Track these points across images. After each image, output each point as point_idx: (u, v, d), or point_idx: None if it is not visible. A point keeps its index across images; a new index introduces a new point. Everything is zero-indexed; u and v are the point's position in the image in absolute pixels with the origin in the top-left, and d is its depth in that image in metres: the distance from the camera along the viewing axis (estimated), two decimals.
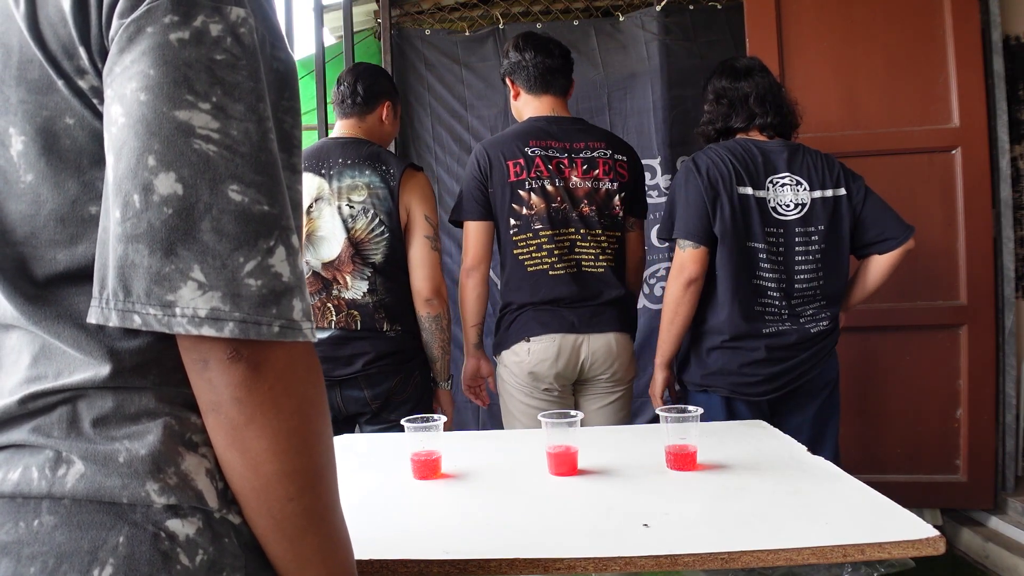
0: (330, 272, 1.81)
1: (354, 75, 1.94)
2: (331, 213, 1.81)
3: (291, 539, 0.54)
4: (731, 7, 2.84)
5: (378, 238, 1.81)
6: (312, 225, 1.82)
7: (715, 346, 1.78)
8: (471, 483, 1.15)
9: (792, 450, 1.27)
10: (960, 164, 2.55)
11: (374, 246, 1.81)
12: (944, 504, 2.65)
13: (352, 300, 1.80)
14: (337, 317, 1.80)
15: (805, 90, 2.63)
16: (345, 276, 1.80)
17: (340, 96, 1.94)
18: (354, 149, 1.86)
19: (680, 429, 1.17)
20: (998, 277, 2.60)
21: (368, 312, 1.80)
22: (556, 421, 1.16)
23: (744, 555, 0.82)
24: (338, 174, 1.82)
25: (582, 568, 0.82)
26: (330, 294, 1.81)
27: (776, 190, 1.75)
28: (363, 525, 0.98)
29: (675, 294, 1.77)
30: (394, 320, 1.82)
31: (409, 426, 1.20)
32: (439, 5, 3.02)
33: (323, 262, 1.82)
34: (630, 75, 2.91)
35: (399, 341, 1.82)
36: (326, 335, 1.80)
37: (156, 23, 0.48)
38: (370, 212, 1.80)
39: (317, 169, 1.84)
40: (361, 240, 1.81)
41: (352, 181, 1.82)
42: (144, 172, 0.46)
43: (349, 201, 1.81)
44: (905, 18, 2.58)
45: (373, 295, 1.81)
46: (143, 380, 0.54)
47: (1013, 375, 2.63)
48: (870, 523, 0.89)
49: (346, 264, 1.80)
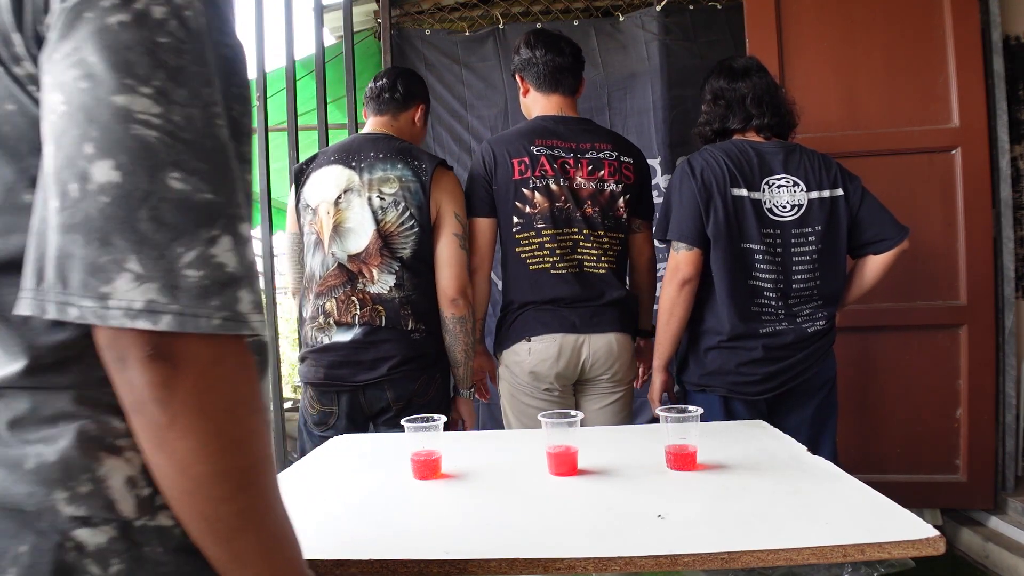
0: (356, 265, 1.77)
1: (395, 73, 1.96)
2: (361, 204, 1.77)
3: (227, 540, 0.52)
4: (731, 7, 2.84)
5: (407, 231, 1.77)
6: (340, 216, 1.77)
7: (712, 346, 1.78)
8: (471, 483, 1.15)
9: (792, 450, 1.27)
10: (960, 164, 2.55)
11: (403, 240, 1.77)
12: (944, 504, 2.65)
13: (378, 295, 1.76)
14: (361, 311, 1.75)
15: (805, 90, 2.63)
16: (372, 269, 1.76)
17: (376, 91, 1.91)
18: (386, 144, 1.83)
19: (680, 429, 1.17)
20: (998, 277, 2.60)
21: (394, 308, 1.76)
22: (556, 421, 1.16)
23: (744, 555, 0.82)
24: (369, 167, 1.79)
25: (582, 568, 0.82)
26: (355, 287, 1.76)
27: (772, 191, 1.75)
28: (363, 525, 0.98)
29: (670, 295, 1.78)
30: (419, 318, 1.78)
31: (409, 426, 1.20)
32: (439, 5, 3.02)
33: (349, 254, 1.77)
34: (630, 75, 2.91)
35: (423, 344, 1.78)
36: (348, 337, 1.75)
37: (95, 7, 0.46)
38: (400, 205, 1.76)
39: (347, 162, 1.81)
40: (391, 233, 1.76)
41: (384, 174, 1.78)
42: (81, 160, 0.45)
43: (380, 193, 1.77)
44: (905, 18, 2.58)
45: (400, 290, 1.76)
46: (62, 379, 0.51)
47: (1013, 375, 2.63)
48: (870, 523, 0.89)
49: (373, 257, 1.75)
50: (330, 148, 1.89)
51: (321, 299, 1.78)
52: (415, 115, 1.94)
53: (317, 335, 1.78)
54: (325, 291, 1.78)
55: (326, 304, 1.77)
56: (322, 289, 1.78)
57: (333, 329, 1.76)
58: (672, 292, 1.78)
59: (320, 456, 1.40)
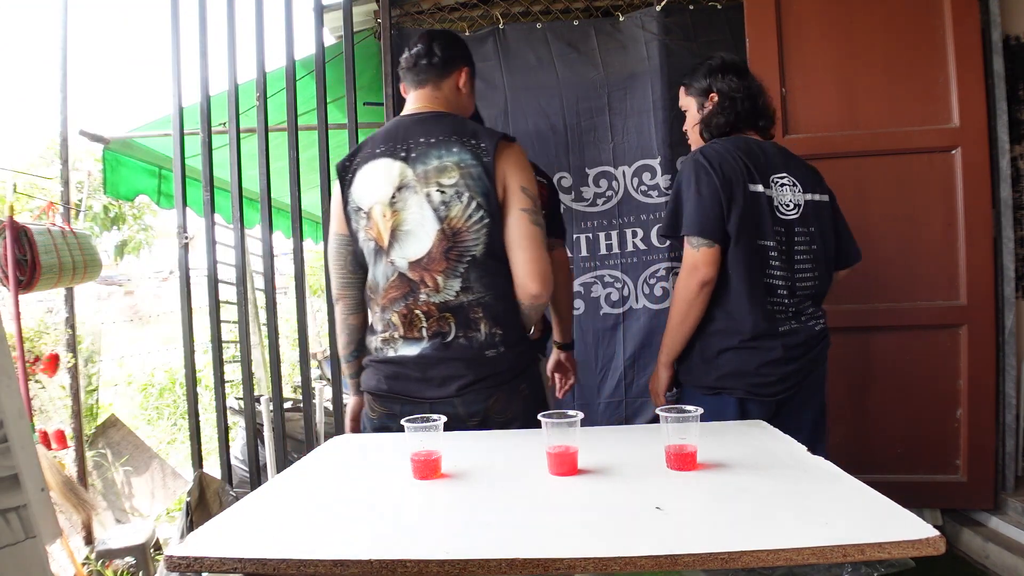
0: (417, 272, 1.55)
1: (429, 36, 1.69)
2: (418, 202, 1.54)
3: None
4: (731, 7, 2.84)
5: (477, 225, 1.53)
6: (397, 219, 1.55)
7: (730, 347, 1.71)
8: (471, 483, 1.15)
9: (792, 450, 1.27)
10: (960, 164, 2.55)
11: (473, 236, 1.53)
12: (944, 504, 2.65)
13: (443, 303, 1.54)
14: (428, 323, 1.55)
15: (805, 90, 2.63)
16: (435, 276, 1.54)
17: (412, 60, 1.66)
18: (436, 124, 1.59)
19: (680, 429, 1.17)
20: (998, 277, 2.60)
21: (464, 313, 1.54)
22: (556, 421, 1.16)
23: (744, 555, 0.82)
24: (422, 156, 1.55)
25: (582, 568, 0.82)
26: (417, 299, 1.55)
27: (777, 189, 1.75)
28: (363, 525, 0.98)
29: (688, 294, 1.69)
30: (495, 322, 1.55)
31: (409, 426, 1.20)
32: (439, 5, 3.02)
33: (410, 261, 1.55)
34: (630, 75, 2.91)
35: (498, 360, 1.55)
36: (416, 351, 1.56)
37: None
38: (464, 196, 1.52)
39: (395, 152, 1.57)
40: (458, 230, 1.53)
41: (439, 162, 1.54)
42: None
43: (439, 186, 1.53)
44: (905, 18, 2.58)
45: (468, 293, 1.54)
46: None
47: (1013, 375, 2.63)
48: (870, 523, 0.89)
49: (438, 261, 1.54)
50: (375, 136, 1.65)
51: (387, 313, 1.60)
52: (459, 80, 1.69)
53: (383, 347, 1.61)
54: (388, 304, 1.59)
55: (392, 317, 1.59)
56: (385, 302, 1.60)
57: (399, 343, 1.58)
58: (691, 291, 1.69)
59: (320, 456, 1.40)
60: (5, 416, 1.52)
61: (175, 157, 2.90)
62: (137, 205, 9.10)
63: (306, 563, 0.84)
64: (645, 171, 2.89)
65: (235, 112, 2.86)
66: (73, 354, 3.09)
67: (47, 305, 3.42)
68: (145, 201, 8.11)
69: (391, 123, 1.66)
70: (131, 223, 9.74)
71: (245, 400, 3.00)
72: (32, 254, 2.39)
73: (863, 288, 2.62)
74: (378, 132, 1.66)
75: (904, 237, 2.61)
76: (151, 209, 9.54)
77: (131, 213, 9.41)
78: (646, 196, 2.89)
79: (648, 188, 2.89)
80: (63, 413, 3.20)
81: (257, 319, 3.81)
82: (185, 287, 2.87)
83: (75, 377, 3.11)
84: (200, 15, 2.85)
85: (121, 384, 6.61)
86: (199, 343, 5.34)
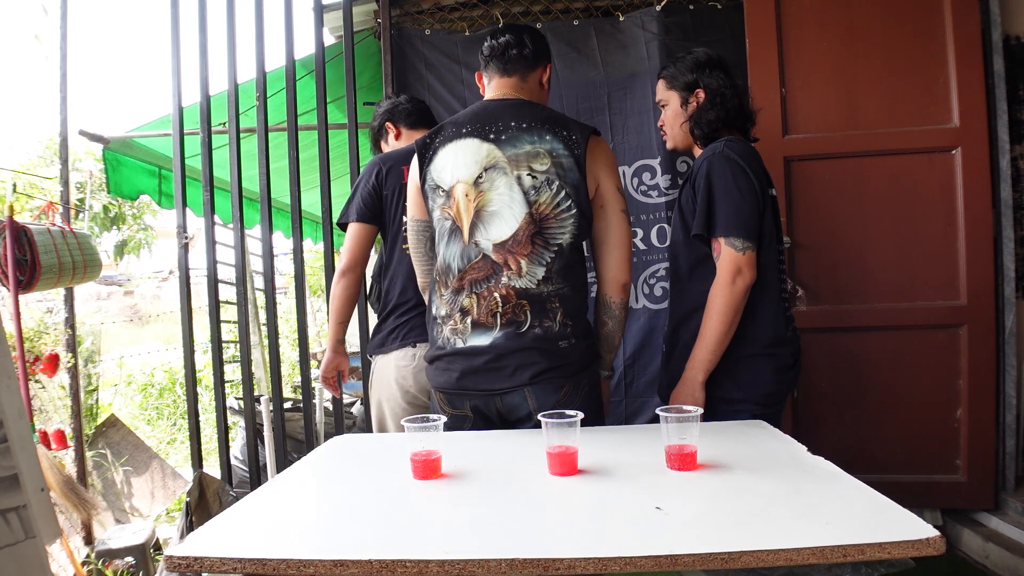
0: (501, 255, 1.53)
1: (518, 28, 1.71)
2: (507, 184, 1.54)
3: None
4: (731, 7, 2.84)
5: (564, 214, 1.55)
6: (482, 199, 1.55)
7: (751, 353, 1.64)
8: (471, 483, 1.15)
9: (792, 450, 1.27)
10: (960, 164, 2.55)
11: (559, 224, 1.55)
12: (944, 504, 2.65)
13: (524, 289, 1.53)
14: (504, 308, 1.53)
15: (805, 90, 2.63)
16: (520, 260, 1.53)
17: (501, 48, 1.66)
18: (527, 111, 1.60)
19: (680, 429, 1.17)
20: (998, 277, 2.60)
21: (541, 304, 1.53)
22: (556, 421, 1.16)
23: (744, 555, 0.82)
24: (513, 139, 1.56)
25: (582, 568, 0.82)
26: (498, 281, 1.53)
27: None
28: (363, 525, 0.98)
29: (735, 300, 1.58)
30: (569, 315, 1.55)
31: (409, 426, 1.20)
32: (439, 5, 3.02)
33: (494, 243, 1.54)
34: (630, 75, 2.91)
35: (570, 351, 1.55)
36: (488, 340, 1.53)
37: None
38: (555, 184, 1.54)
39: (483, 133, 1.57)
40: (545, 216, 1.54)
41: (532, 147, 1.55)
42: None
43: (531, 170, 1.54)
44: (905, 18, 2.58)
45: (549, 284, 1.53)
46: None
47: (1013, 375, 2.63)
48: (870, 523, 0.89)
49: (523, 245, 1.53)
50: (458, 118, 1.65)
51: (459, 295, 1.57)
52: (543, 76, 1.72)
53: (452, 337, 1.57)
54: (464, 286, 1.56)
55: (464, 301, 1.56)
56: (461, 284, 1.56)
57: (469, 331, 1.55)
58: (738, 297, 1.58)
59: (320, 456, 1.40)
60: (5, 416, 1.52)
61: (175, 157, 2.90)
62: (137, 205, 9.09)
63: (306, 563, 0.84)
64: (645, 171, 2.89)
65: (235, 112, 2.86)
66: (73, 354, 3.09)
67: (47, 305, 3.42)
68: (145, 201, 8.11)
69: (477, 105, 1.66)
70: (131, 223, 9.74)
71: (245, 400, 3.00)
72: (32, 254, 2.38)
73: (863, 288, 2.62)
74: (461, 114, 1.66)
75: (904, 237, 2.61)
76: (151, 209, 9.54)
77: (131, 213, 9.40)
78: (646, 196, 2.89)
79: (648, 188, 2.89)
80: (63, 413, 3.20)
81: (257, 319, 3.81)
82: (185, 287, 2.87)
83: (75, 377, 3.11)
84: (200, 15, 2.85)
85: (121, 384, 6.60)
86: (199, 343, 5.34)
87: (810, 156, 2.63)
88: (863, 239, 2.61)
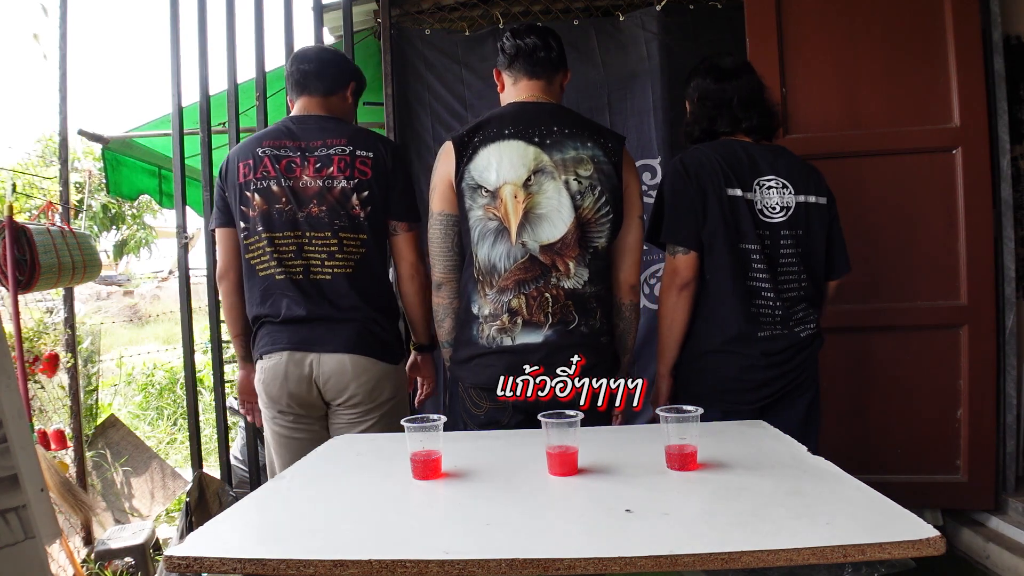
0: (549, 257, 1.59)
1: (541, 29, 1.73)
2: (556, 188, 1.59)
3: None
4: (731, 7, 2.84)
5: (603, 219, 1.62)
6: (531, 201, 1.59)
7: (712, 349, 1.74)
8: (471, 483, 1.15)
9: (792, 450, 1.27)
10: (960, 164, 2.55)
11: (599, 228, 1.62)
12: (944, 504, 2.65)
13: (572, 290, 1.59)
14: (553, 308, 1.58)
15: (805, 90, 2.63)
16: (568, 262, 1.59)
17: (528, 49, 1.68)
18: (566, 117, 1.65)
19: (680, 429, 1.17)
20: (998, 277, 2.60)
21: (583, 304, 1.60)
22: (556, 421, 1.16)
23: (744, 555, 0.82)
24: (558, 144, 1.61)
25: (582, 568, 0.82)
26: (548, 282, 1.59)
27: (763, 192, 1.75)
28: (363, 525, 0.98)
29: (670, 300, 1.75)
30: (605, 314, 1.66)
31: (409, 426, 1.20)
32: (439, 5, 3.02)
33: (542, 244, 1.59)
34: (630, 75, 2.90)
35: (608, 346, 1.67)
36: (540, 338, 1.58)
37: None
38: (597, 189, 1.60)
39: (528, 136, 1.60)
40: (588, 220, 1.60)
41: (576, 153, 1.61)
42: None
43: (577, 176, 1.60)
44: (905, 18, 2.58)
45: (591, 284, 1.61)
46: None
47: (1014, 375, 2.63)
48: (870, 523, 0.89)
49: (571, 248, 1.59)
50: (496, 117, 1.66)
51: (506, 295, 1.59)
52: (564, 80, 1.76)
53: (498, 336, 1.59)
54: (512, 286, 1.59)
55: (512, 301, 1.59)
56: (508, 283, 1.59)
57: (518, 329, 1.58)
58: (672, 297, 1.75)
59: (320, 456, 1.40)
60: (5, 416, 1.52)
61: (174, 157, 2.90)
62: (137, 205, 9.09)
63: (306, 563, 0.84)
64: (645, 171, 2.89)
65: (235, 112, 2.86)
66: (72, 354, 3.09)
67: (46, 305, 3.41)
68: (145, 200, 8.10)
69: (514, 106, 1.68)
70: (131, 223, 9.74)
71: None
72: (31, 254, 2.38)
73: (863, 288, 2.61)
74: (498, 113, 1.68)
75: (904, 237, 2.61)
76: (151, 209, 9.54)
77: (130, 213, 9.40)
78: (646, 196, 2.88)
79: (648, 188, 2.88)
80: (63, 413, 3.20)
81: None
82: (185, 287, 2.86)
83: (74, 377, 3.11)
84: (200, 15, 2.85)
85: (121, 384, 6.60)
86: (199, 343, 5.34)
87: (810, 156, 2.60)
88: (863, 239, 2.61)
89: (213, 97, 2.93)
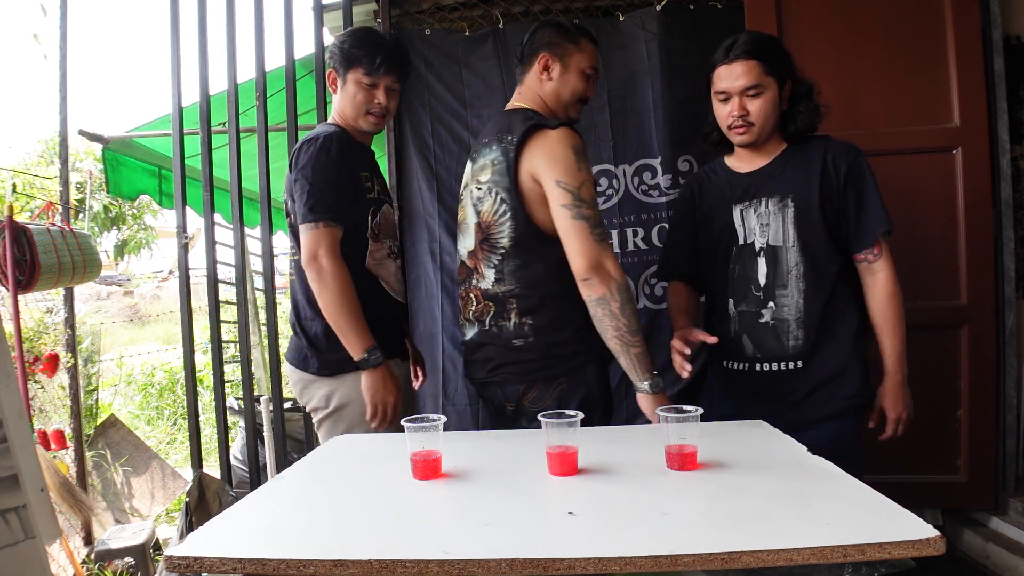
0: (473, 261, 1.72)
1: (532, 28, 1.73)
2: (468, 199, 1.72)
3: None
4: (731, 7, 2.84)
5: (502, 219, 1.61)
6: (461, 214, 1.77)
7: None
8: (471, 483, 1.15)
9: (792, 450, 1.27)
10: (960, 164, 2.55)
11: (499, 229, 1.63)
12: (944, 504, 2.65)
13: (486, 290, 1.68)
14: (476, 307, 1.71)
15: None
16: (479, 264, 1.69)
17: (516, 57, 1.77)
18: (499, 121, 1.70)
19: (680, 429, 1.17)
20: (998, 277, 2.60)
21: (500, 304, 1.65)
22: (556, 421, 1.16)
23: (744, 555, 0.82)
24: (477, 155, 1.72)
25: (582, 568, 0.82)
26: (471, 284, 1.72)
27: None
28: (363, 525, 0.98)
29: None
30: (525, 313, 1.61)
31: (409, 426, 1.20)
32: (439, 5, 3.02)
33: (467, 251, 1.73)
34: (630, 75, 2.90)
35: (525, 349, 1.61)
36: (471, 334, 1.74)
37: None
38: (493, 191, 1.62)
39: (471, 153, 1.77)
40: (488, 223, 1.65)
41: (483, 160, 1.67)
42: None
43: (478, 183, 1.68)
44: (905, 17, 2.58)
45: (501, 284, 1.64)
46: None
47: (1014, 375, 2.63)
48: (870, 523, 0.89)
49: (480, 251, 1.68)
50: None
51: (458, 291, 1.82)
52: (539, 69, 1.67)
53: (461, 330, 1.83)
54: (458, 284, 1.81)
55: (459, 300, 1.81)
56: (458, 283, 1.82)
57: (466, 325, 1.77)
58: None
59: (320, 456, 1.40)
60: (5, 416, 1.52)
61: (175, 157, 2.90)
62: (137, 205, 9.08)
63: (306, 563, 0.84)
64: (646, 170, 2.88)
65: (235, 112, 2.86)
66: (72, 354, 3.09)
67: (46, 305, 3.41)
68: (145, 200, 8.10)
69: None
70: (131, 223, 9.73)
71: (245, 400, 3.00)
72: (31, 254, 2.38)
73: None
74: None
75: (904, 237, 2.60)
76: (151, 209, 9.53)
77: (131, 213, 9.39)
78: (646, 196, 2.89)
79: (648, 188, 2.89)
80: (63, 413, 3.19)
81: (257, 319, 3.81)
82: (185, 287, 2.86)
83: (75, 377, 3.11)
84: (200, 15, 2.85)
85: (121, 384, 6.60)
86: (199, 343, 5.34)
87: None
88: None
89: (213, 97, 2.93)
